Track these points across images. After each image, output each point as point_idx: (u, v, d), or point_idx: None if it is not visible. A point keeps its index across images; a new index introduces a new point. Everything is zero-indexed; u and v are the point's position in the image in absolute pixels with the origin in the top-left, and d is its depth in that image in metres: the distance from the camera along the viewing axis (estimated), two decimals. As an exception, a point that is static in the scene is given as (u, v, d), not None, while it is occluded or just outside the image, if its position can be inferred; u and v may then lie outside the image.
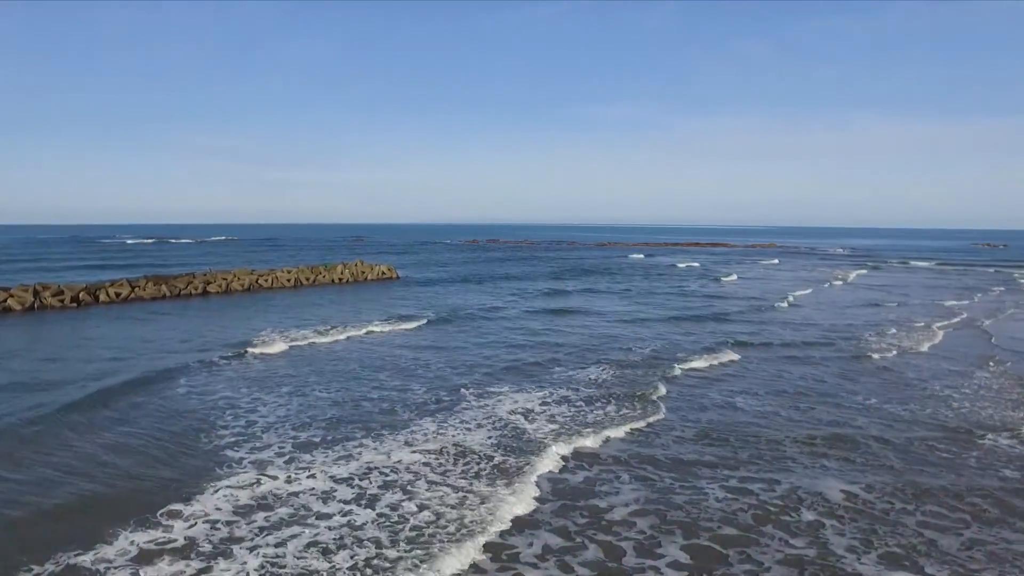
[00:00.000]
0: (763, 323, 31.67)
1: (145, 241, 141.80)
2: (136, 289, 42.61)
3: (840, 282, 52.93)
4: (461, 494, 11.64)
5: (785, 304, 38.17)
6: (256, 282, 48.16)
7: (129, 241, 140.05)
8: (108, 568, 9.20)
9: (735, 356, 23.68)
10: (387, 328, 28.62)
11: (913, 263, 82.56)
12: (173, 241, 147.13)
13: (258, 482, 12.20)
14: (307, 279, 50.50)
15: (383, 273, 54.66)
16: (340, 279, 52.14)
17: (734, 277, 56.99)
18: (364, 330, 28.15)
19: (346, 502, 11.38)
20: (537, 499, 11.60)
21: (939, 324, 30.86)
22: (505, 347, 25.18)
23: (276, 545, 9.84)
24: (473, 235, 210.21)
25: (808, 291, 45.24)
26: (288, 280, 49.25)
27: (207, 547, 9.78)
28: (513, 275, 58.28)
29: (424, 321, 30.24)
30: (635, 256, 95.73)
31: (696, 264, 76.00)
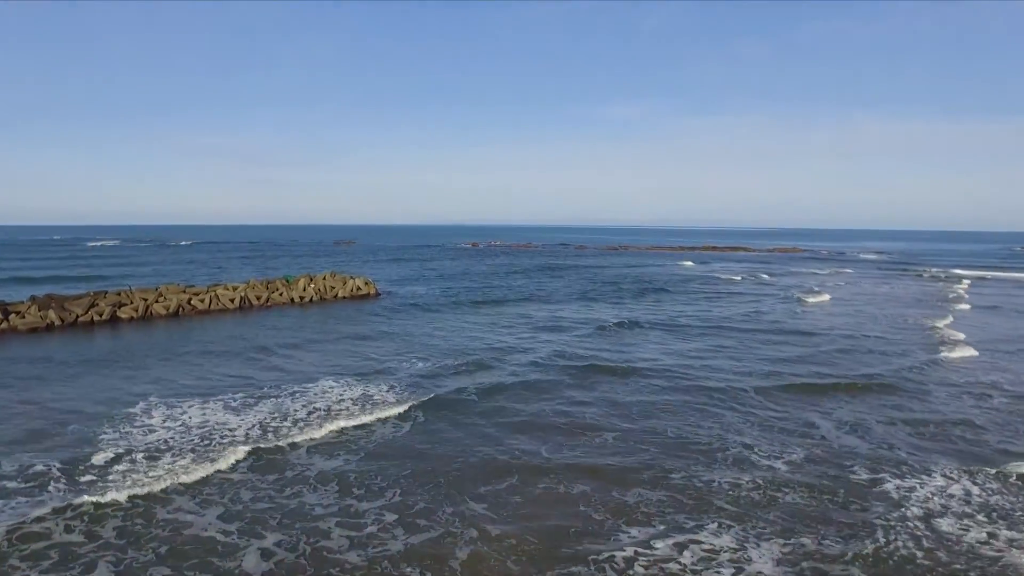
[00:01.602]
0: (954, 394, 19.13)
1: (108, 243, 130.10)
2: (11, 316, 31.13)
3: (966, 306, 39.57)
4: None
5: (960, 353, 24.99)
6: (188, 303, 36.62)
7: (90, 244, 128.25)
8: None
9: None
10: (318, 432, 15.52)
11: (999, 274, 70.12)
12: (142, 244, 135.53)
13: None
14: (258, 298, 38.94)
15: (358, 289, 43.02)
16: (302, 298, 40.54)
17: (825, 297, 43.78)
18: (283, 430, 16.02)
19: None
20: None
21: None
22: (527, 485, 13.24)
23: None
24: (471, 237, 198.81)
25: (947, 320, 32.49)
26: (232, 300, 37.69)
27: None
28: (528, 294, 45.74)
29: (396, 403, 17.70)
30: (686, 264, 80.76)
31: (761, 276, 61.44)
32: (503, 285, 51.70)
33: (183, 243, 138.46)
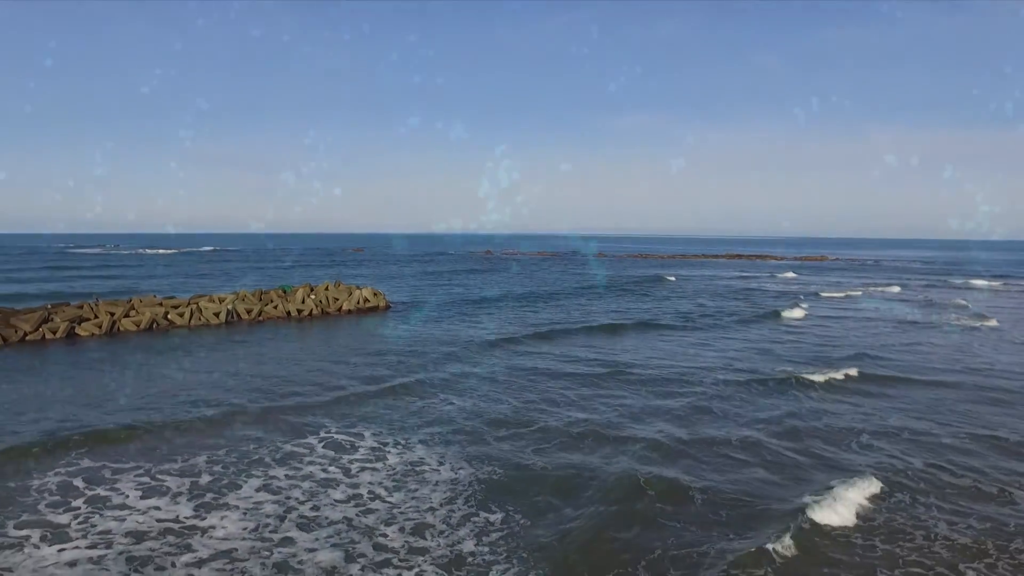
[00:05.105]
0: None
1: (88, 251, 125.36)
2: (-58, 334, 25.42)
3: None
4: None
5: None
6: (165, 317, 30.86)
7: (75, 250, 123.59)
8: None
9: None
10: None
11: None
12: (142, 251, 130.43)
13: None
14: (248, 311, 33.09)
15: (365, 301, 37.09)
16: (300, 311, 34.67)
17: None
18: None
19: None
20: None
21: None
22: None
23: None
24: (481, 245, 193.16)
25: None
26: (216, 314, 31.86)
27: None
28: (582, 317, 38.40)
29: None
30: (785, 275, 70.77)
31: (881, 292, 51.30)
32: (554, 304, 44.32)
33: (167, 251, 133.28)
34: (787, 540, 9.80)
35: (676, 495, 11.61)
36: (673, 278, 65.96)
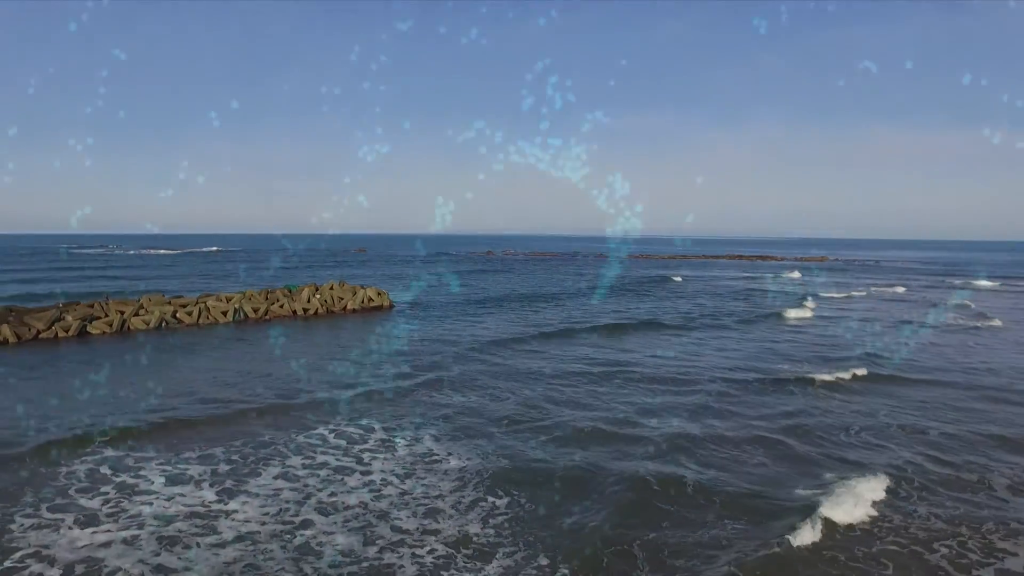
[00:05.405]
0: None
1: (88, 251, 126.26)
2: (-42, 332, 25.97)
3: None
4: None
5: None
6: (173, 315, 31.42)
7: (78, 250, 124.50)
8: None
9: None
10: None
11: None
12: (148, 252, 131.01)
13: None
14: (255, 310, 33.66)
15: (369, 300, 37.65)
16: (306, 310, 35.25)
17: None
18: None
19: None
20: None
21: None
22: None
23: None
24: (478, 246, 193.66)
25: None
26: (224, 313, 32.43)
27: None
28: (585, 317, 39.56)
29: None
30: (788, 276, 69.99)
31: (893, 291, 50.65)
32: (557, 304, 45.24)
33: (170, 252, 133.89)
34: (796, 533, 10.21)
35: (681, 489, 12.08)
36: (679, 278, 66.48)
